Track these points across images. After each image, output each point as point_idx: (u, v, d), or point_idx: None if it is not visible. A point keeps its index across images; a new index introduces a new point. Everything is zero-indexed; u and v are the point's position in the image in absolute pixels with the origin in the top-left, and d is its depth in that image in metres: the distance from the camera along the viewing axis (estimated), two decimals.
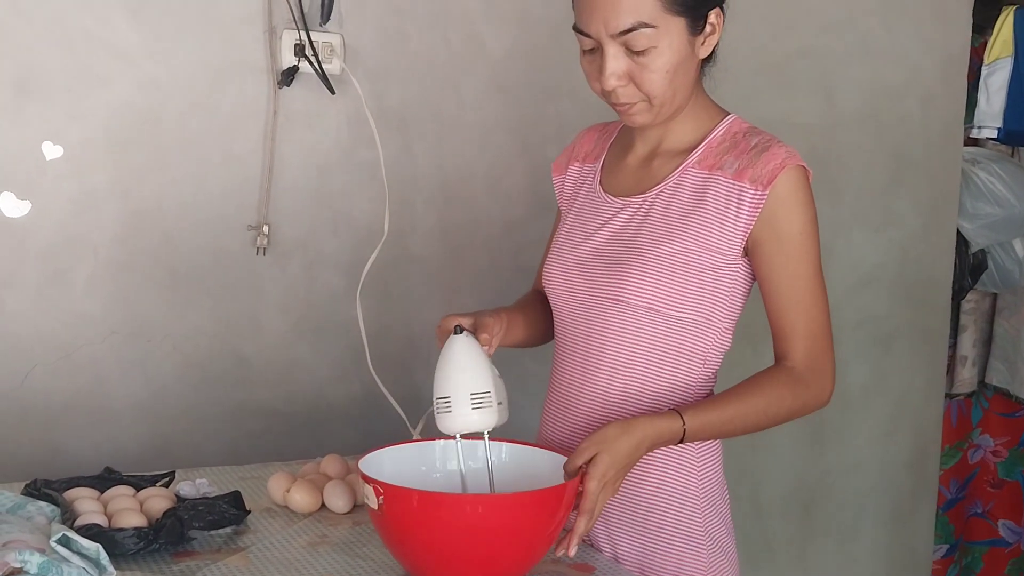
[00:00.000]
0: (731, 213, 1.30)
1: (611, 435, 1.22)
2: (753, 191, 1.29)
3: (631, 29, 1.25)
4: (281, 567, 1.26)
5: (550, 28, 1.98)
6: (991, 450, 3.22)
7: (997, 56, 2.70)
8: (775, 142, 1.32)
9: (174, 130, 1.74)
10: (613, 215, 1.38)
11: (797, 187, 1.30)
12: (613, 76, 1.29)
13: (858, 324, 2.41)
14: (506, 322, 1.40)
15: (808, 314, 1.31)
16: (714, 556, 1.36)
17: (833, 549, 2.47)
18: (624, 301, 1.33)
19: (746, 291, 1.36)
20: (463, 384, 1.26)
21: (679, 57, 1.28)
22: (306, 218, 1.85)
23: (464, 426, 1.26)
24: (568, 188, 1.50)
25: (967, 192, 2.80)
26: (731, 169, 1.31)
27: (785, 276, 1.30)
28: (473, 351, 1.29)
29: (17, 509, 1.29)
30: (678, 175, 1.35)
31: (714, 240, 1.31)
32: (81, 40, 1.67)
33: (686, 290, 1.31)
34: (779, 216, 1.29)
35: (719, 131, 1.36)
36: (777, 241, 1.30)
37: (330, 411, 1.90)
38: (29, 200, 1.67)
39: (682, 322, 1.32)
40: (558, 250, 1.43)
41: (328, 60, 1.80)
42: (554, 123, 2.03)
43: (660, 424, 1.25)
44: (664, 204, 1.34)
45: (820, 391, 1.32)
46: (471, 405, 1.25)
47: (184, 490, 1.40)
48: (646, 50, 1.27)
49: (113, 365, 1.74)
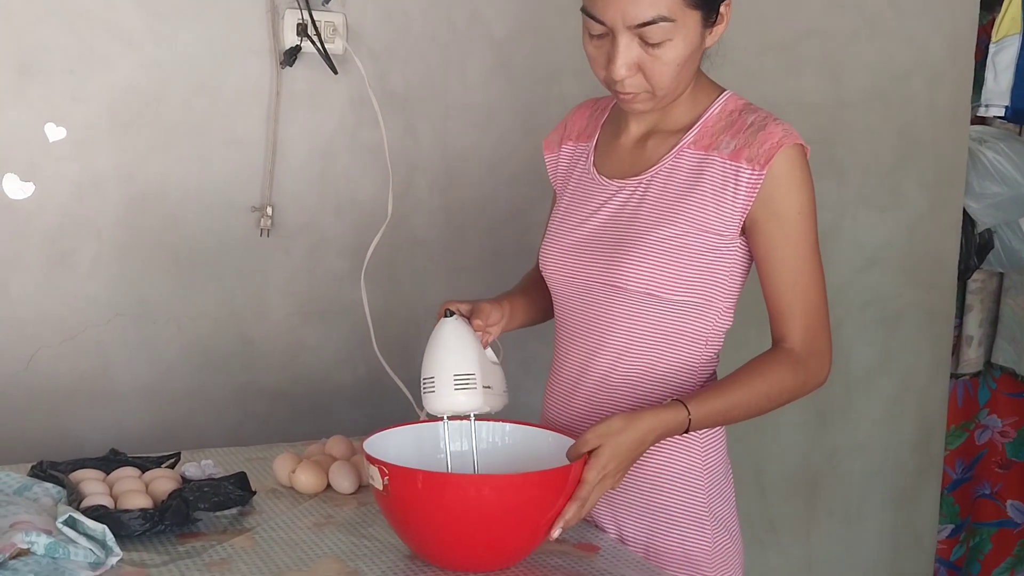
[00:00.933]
0: (728, 194, 1.29)
1: (615, 428, 1.21)
2: (750, 171, 1.28)
3: (651, 22, 1.24)
4: (287, 547, 1.26)
5: (554, 8, 1.97)
6: (999, 431, 3.22)
7: (1005, 33, 2.66)
8: (772, 119, 1.30)
9: (177, 112, 1.74)
10: (608, 198, 1.37)
11: (795, 166, 1.28)
12: (624, 67, 1.27)
13: (864, 304, 2.40)
14: (508, 310, 1.39)
15: (805, 295, 1.30)
16: (719, 536, 1.36)
17: (838, 530, 2.47)
18: (623, 287, 1.32)
19: (745, 269, 1.35)
20: (447, 365, 1.26)
21: (691, 49, 1.27)
22: (310, 200, 1.85)
23: (447, 406, 1.27)
24: (562, 168, 1.48)
25: (974, 171, 2.78)
26: (727, 149, 1.30)
27: (783, 256, 1.29)
28: (461, 334, 1.29)
29: (24, 491, 1.29)
30: (673, 156, 1.34)
31: (711, 222, 1.30)
32: (84, 22, 1.66)
33: (685, 273, 1.30)
34: (777, 196, 1.28)
35: (715, 109, 1.34)
36: (775, 221, 1.29)
37: (335, 392, 1.91)
38: (32, 182, 1.67)
39: (682, 305, 1.32)
40: (554, 234, 1.42)
41: (331, 40, 1.79)
42: (558, 104, 2.01)
43: (665, 416, 1.24)
44: (660, 186, 1.33)
45: (819, 371, 1.32)
46: (454, 386, 1.25)
47: (189, 471, 1.40)
48: (661, 43, 1.25)
49: (118, 347, 1.74)
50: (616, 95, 1.32)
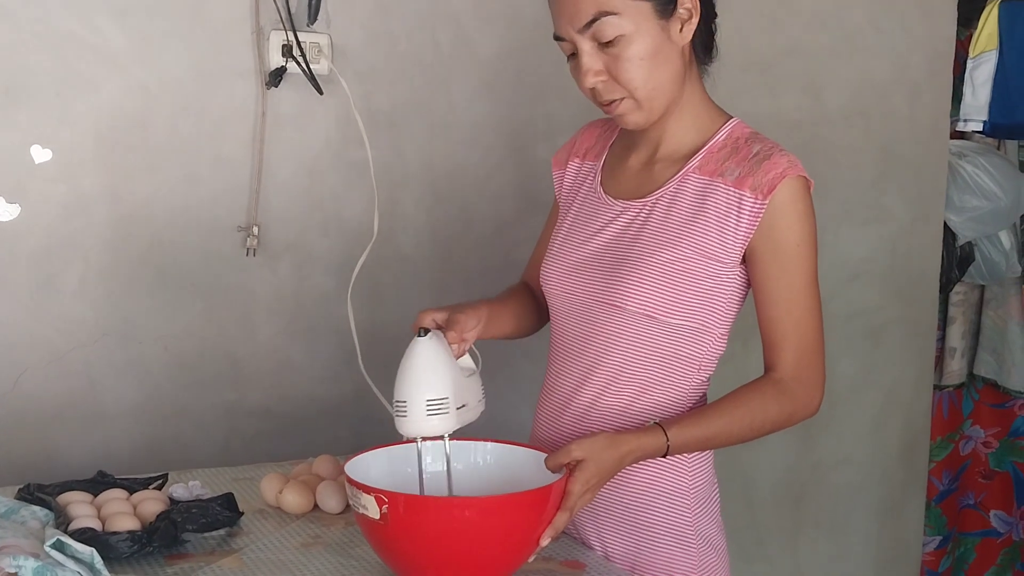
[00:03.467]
0: (731, 221, 1.29)
1: (599, 445, 1.23)
2: (753, 200, 1.28)
3: (594, 20, 1.25)
4: (275, 568, 1.27)
5: (539, 28, 1.97)
6: (982, 441, 3.24)
7: (982, 49, 2.70)
8: (777, 150, 1.31)
9: (163, 133, 1.75)
10: (613, 218, 1.38)
11: (797, 198, 1.29)
12: (590, 73, 1.28)
13: (847, 318, 2.42)
14: (485, 316, 1.38)
15: (799, 326, 1.31)
16: (704, 553, 1.37)
17: (824, 541, 2.48)
18: (622, 307, 1.32)
19: (743, 296, 1.35)
20: (420, 390, 1.24)
21: (652, 44, 1.27)
22: (296, 219, 1.86)
23: (419, 431, 1.25)
24: (567, 184, 1.49)
25: (954, 185, 2.81)
26: (732, 176, 1.30)
27: (779, 286, 1.30)
28: (435, 355, 1.27)
29: (11, 514, 1.29)
30: (678, 180, 1.34)
31: (713, 248, 1.30)
32: (69, 44, 1.67)
33: (684, 297, 1.30)
34: (777, 226, 1.28)
35: (721, 136, 1.35)
36: (774, 251, 1.29)
37: (322, 411, 1.91)
38: (18, 204, 1.67)
39: (680, 329, 1.32)
40: (557, 250, 1.43)
41: (316, 60, 1.80)
42: (544, 122, 2.03)
43: (644, 440, 1.26)
44: (664, 210, 1.33)
45: (807, 403, 1.33)
46: (426, 411, 1.24)
47: (177, 492, 1.40)
48: (615, 40, 1.26)
49: (105, 368, 1.74)
50: (605, 110, 1.33)
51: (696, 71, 1.36)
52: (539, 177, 1.91)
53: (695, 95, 1.36)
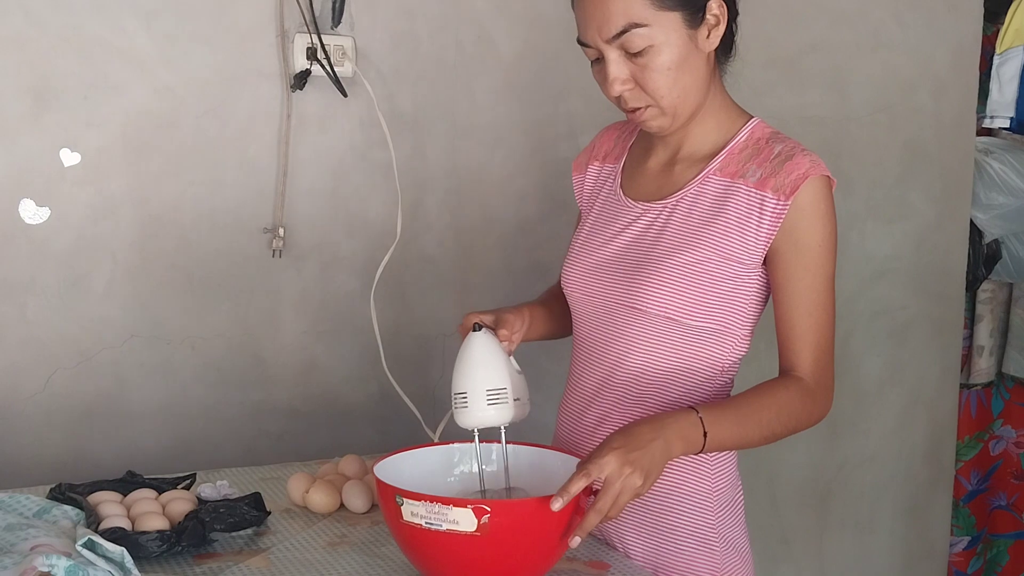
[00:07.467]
0: (753, 223, 1.29)
1: (627, 426, 1.20)
2: (775, 201, 1.27)
3: (623, 32, 1.25)
4: (302, 568, 1.28)
5: (561, 28, 1.98)
6: (1013, 441, 3.20)
7: (1009, 45, 2.68)
8: (799, 150, 1.30)
9: (189, 136, 1.76)
10: (633, 220, 1.37)
11: (820, 198, 1.28)
12: (616, 81, 1.28)
13: (873, 316, 2.41)
14: (528, 319, 1.39)
15: (818, 326, 1.30)
16: (728, 556, 1.36)
17: (849, 541, 2.47)
18: (642, 309, 1.32)
19: (765, 298, 1.34)
20: (480, 380, 1.28)
21: (680, 53, 1.26)
22: (321, 220, 1.87)
23: (480, 421, 1.28)
24: (587, 188, 1.49)
25: (980, 182, 2.78)
26: (754, 177, 1.30)
27: (800, 288, 1.29)
28: (491, 348, 1.30)
29: (43, 513, 1.31)
30: (699, 182, 1.33)
31: (734, 250, 1.30)
32: (97, 48, 1.69)
33: (705, 299, 1.30)
34: (800, 227, 1.27)
35: (742, 136, 1.34)
36: (796, 252, 1.28)
37: (347, 411, 1.92)
38: (48, 207, 1.69)
39: (701, 331, 1.32)
40: (577, 253, 1.43)
41: (340, 63, 1.81)
42: (566, 123, 2.03)
43: (679, 415, 1.22)
44: (685, 211, 1.33)
45: (826, 405, 1.32)
46: (487, 401, 1.27)
47: (205, 492, 1.42)
48: (643, 50, 1.25)
49: (133, 368, 1.76)
50: (629, 116, 1.33)
51: (717, 72, 1.35)
52: (561, 177, 1.91)
53: (716, 96, 1.35)
